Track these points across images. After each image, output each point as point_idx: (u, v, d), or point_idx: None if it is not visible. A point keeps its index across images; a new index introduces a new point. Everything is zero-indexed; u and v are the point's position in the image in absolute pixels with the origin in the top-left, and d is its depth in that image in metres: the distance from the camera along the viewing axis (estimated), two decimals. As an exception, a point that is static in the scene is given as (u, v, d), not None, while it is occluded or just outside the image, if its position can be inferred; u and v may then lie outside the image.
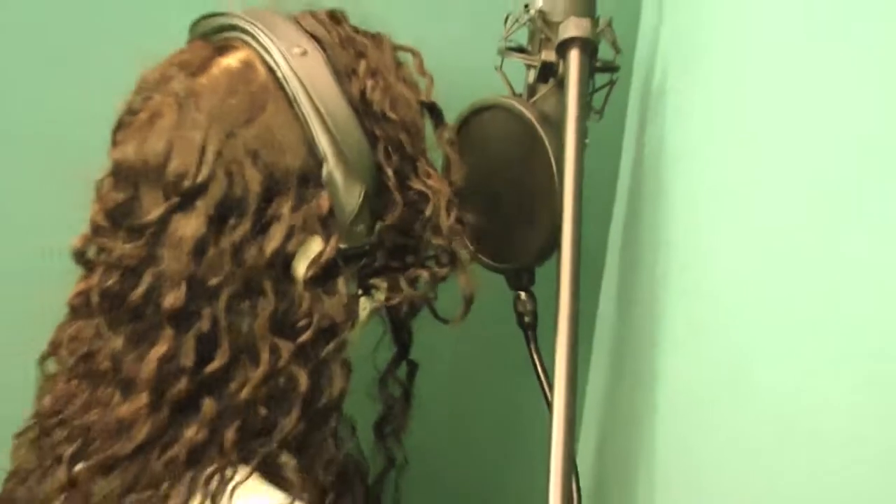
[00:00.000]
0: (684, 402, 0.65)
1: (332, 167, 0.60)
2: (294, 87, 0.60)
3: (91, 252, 0.64)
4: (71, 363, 0.65)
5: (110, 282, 0.61)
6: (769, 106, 0.52)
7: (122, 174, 0.61)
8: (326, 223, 0.61)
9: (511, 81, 0.75)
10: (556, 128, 0.69)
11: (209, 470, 0.61)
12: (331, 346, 0.62)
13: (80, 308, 0.65)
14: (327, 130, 0.60)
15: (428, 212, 0.65)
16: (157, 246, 0.60)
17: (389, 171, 0.64)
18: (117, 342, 0.61)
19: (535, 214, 0.72)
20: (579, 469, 0.75)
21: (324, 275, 0.62)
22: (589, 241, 0.65)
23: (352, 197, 0.62)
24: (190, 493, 0.60)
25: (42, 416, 0.67)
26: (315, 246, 0.61)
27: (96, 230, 0.63)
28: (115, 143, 0.63)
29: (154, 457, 0.60)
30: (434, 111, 0.67)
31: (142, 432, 0.60)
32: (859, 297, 0.42)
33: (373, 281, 0.66)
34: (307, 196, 0.61)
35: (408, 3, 0.75)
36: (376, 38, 0.66)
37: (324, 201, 0.61)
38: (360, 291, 0.65)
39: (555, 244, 0.63)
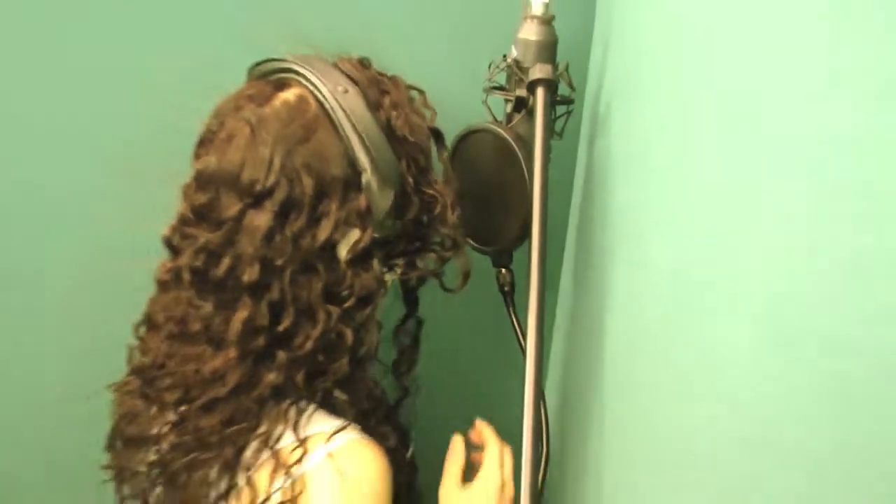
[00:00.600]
0: (623, 345, 0.71)
1: (369, 176, 0.67)
2: (340, 117, 0.67)
3: (176, 239, 0.70)
4: (168, 327, 0.71)
5: (198, 262, 0.67)
6: (685, 124, 0.57)
7: (205, 180, 0.67)
8: (364, 218, 0.68)
9: (494, 111, 0.84)
10: (528, 145, 0.77)
11: (287, 403, 0.69)
12: (367, 309, 0.70)
13: (168, 283, 0.71)
14: (366, 149, 0.67)
15: (437, 210, 0.73)
16: (234, 234, 0.66)
17: (410, 180, 0.71)
18: (206, 308, 0.68)
19: (513, 210, 0.80)
20: (546, 398, 0.83)
21: (361, 257, 0.68)
22: (553, 229, 0.72)
23: (385, 198, 0.69)
24: (276, 422, 0.68)
25: (144, 370, 0.73)
26: (354, 235, 0.68)
27: (184, 222, 0.69)
28: (197, 157, 0.70)
29: (245, 396, 0.68)
30: (438, 136, 0.75)
31: (233, 378, 0.67)
32: (758, 266, 0.43)
33: (394, 261, 0.74)
34: (349, 197, 0.67)
35: (421, 59, 0.80)
36: (393, 79, 0.74)
37: (362, 202, 0.68)
38: (385, 269, 0.72)
39: (527, 232, 0.70)
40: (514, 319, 0.88)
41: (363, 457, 0.68)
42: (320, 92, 0.68)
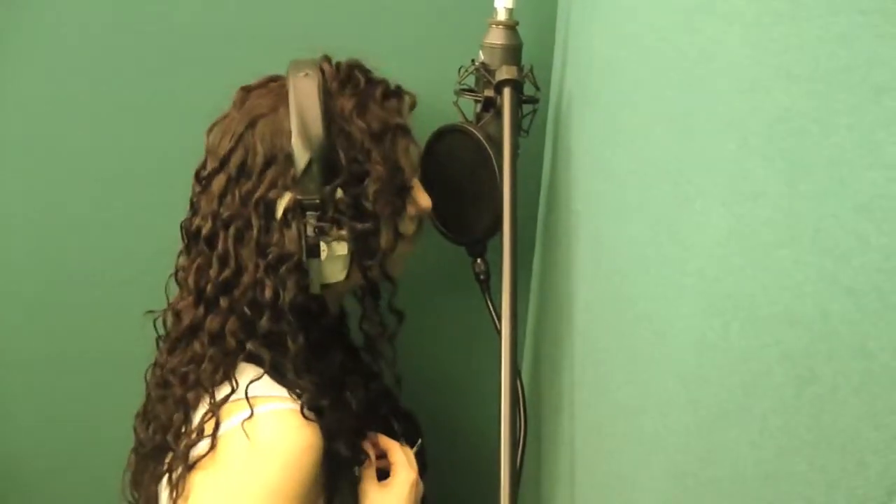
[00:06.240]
0: (584, 318, 0.74)
1: (293, 143, 0.72)
2: (291, 95, 0.74)
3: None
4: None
5: (186, 219, 0.80)
6: (626, 123, 0.61)
7: (206, 151, 0.79)
8: (292, 182, 0.73)
9: (465, 112, 0.89)
10: (497, 143, 0.80)
11: (240, 361, 0.76)
12: (284, 266, 0.75)
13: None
14: (297, 122, 0.72)
15: (365, 182, 0.76)
16: (203, 193, 0.76)
17: (342, 154, 0.74)
18: (184, 260, 0.80)
19: (486, 203, 0.84)
20: (522, 373, 0.88)
21: (289, 217, 0.74)
22: (523, 219, 0.75)
23: (301, 163, 0.72)
24: (225, 375, 0.76)
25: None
26: (286, 197, 0.74)
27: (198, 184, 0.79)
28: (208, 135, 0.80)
29: (194, 339, 0.77)
30: (401, 129, 0.78)
31: (186, 320, 0.77)
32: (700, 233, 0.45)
33: (323, 224, 0.75)
34: (287, 165, 0.73)
35: (396, 66, 0.82)
36: (378, 79, 0.78)
37: (291, 169, 0.73)
38: (315, 233, 0.74)
39: (499, 223, 0.72)
40: (490, 305, 0.91)
41: (282, 426, 0.73)
42: (289, 76, 0.76)
